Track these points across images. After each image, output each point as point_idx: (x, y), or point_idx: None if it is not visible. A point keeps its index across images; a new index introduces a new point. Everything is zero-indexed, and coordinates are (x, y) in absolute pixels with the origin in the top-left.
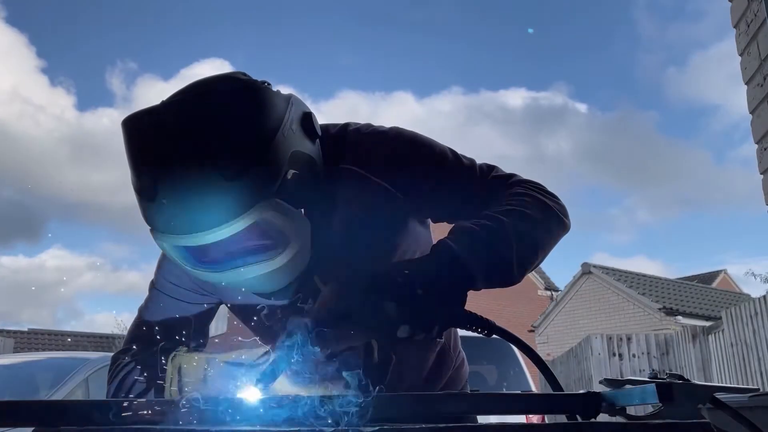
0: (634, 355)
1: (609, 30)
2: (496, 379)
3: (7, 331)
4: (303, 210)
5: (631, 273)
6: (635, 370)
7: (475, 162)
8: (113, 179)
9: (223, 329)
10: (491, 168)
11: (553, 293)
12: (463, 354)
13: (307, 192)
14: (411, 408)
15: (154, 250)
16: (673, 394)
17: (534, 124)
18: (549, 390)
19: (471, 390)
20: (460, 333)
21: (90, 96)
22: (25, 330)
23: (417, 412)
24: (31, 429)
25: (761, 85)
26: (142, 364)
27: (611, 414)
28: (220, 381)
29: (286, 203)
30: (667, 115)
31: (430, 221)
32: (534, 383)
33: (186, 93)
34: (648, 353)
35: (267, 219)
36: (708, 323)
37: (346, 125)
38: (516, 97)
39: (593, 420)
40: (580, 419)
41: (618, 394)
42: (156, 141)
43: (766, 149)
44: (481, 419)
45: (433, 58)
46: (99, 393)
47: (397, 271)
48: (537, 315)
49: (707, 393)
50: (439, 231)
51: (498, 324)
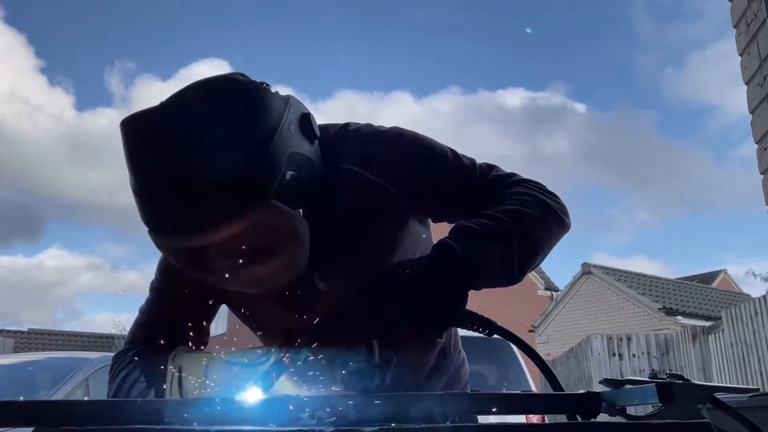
0: (634, 355)
1: (607, 30)
2: (496, 379)
3: (7, 331)
4: (301, 211)
5: (631, 273)
6: (635, 370)
7: (476, 162)
8: (112, 179)
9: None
10: (491, 167)
11: (553, 293)
12: (464, 354)
13: (306, 193)
14: (411, 408)
15: (153, 250)
16: (673, 394)
17: (532, 124)
18: (549, 390)
19: (471, 390)
20: (460, 333)
21: (89, 96)
22: (25, 330)
23: (417, 412)
24: (31, 429)
25: (761, 85)
26: (142, 364)
27: (611, 414)
28: (220, 380)
29: (284, 204)
30: (666, 115)
31: (430, 221)
32: (534, 383)
33: (184, 94)
34: (648, 353)
35: (264, 220)
36: (708, 323)
37: (346, 125)
38: (514, 97)
39: (593, 420)
40: (580, 419)
41: (618, 394)
42: (154, 142)
43: (766, 149)
44: (481, 419)
45: (432, 58)
46: (99, 393)
47: (399, 271)
48: (537, 315)
49: (707, 393)
50: (439, 231)
51: (498, 324)
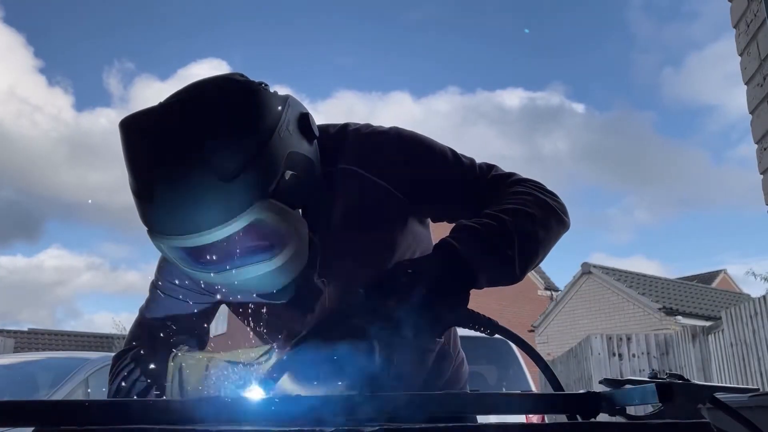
0: (634, 355)
1: (605, 30)
2: (496, 379)
3: (7, 331)
4: (301, 210)
5: (631, 273)
6: (635, 370)
7: (475, 161)
8: (111, 179)
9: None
10: (491, 167)
11: (553, 293)
12: (463, 354)
13: (305, 192)
14: (411, 408)
15: (152, 250)
16: (673, 394)
17: (531, 124)
18: (549, 390)
19: (471, 390)
20: (460, 332)
21: (87, 96)
22: (25, 330)
23: (417, 412)
24: (31, 429)
25: (761, 85)
26: (143, 363)
27: (611, 414)
28: (220, 380)
29: (282, 204)
30: (665, 115)
31: (429, 221)
32: (534, 383)
33: (183, 95)
34: (648, 353)
35: (263, 220)
36: (708, 323)
37: (345, 125)
38: (513, 97)
39: (593, 420)
40: (580, 419)
41: (618, 394)
42: (153, 142)
43: (766, 149)
44: (481, 419)
45: (430, 58)
46: (99, 393)
47: (401, 271)
48: (537, 315)
49: (707, 393)
50: (439, 231)
51: (499, 323)
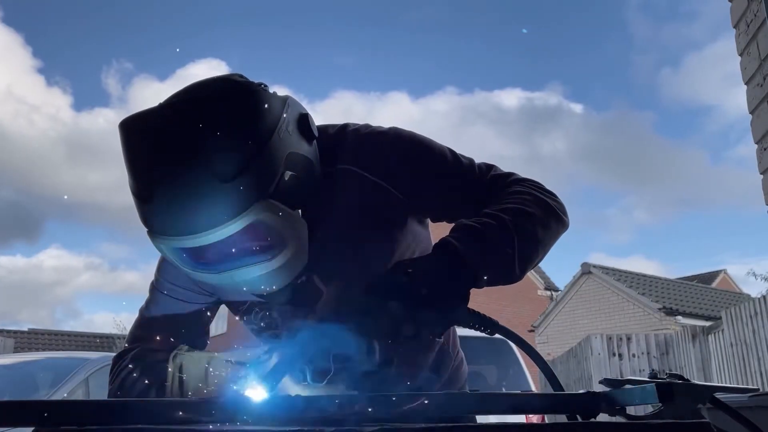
0: (634, 355)
1: (603, 30)
2: (496, 379)
3: (7, 331)
4: (300, 211)
5: (631, 273)
6: (635, 370)
7: (474, 161)
8: (110, 179)
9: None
10: (490, 167)
11: (553, 293)
12: (462, 353)
13: (305, 193)
14: (411, 408)
15: (152, 250)
16: (673, 394)
17: (529, 124)
18: (549, 390)
19: (471, 390)
20: (460, 332)
21: (86, 96)
22: (25, 330)
23: (417, 412)
24: (31, 429)
25: (761, 85)
26: (143, 364)
27: (611, 414)
28: (221, 380)
29: (282, 204)
30: (663, 116)
31: (428, 221)
32: (534, 383)
33: (182, 95)
34: (648, 353)
35: (263, 220)
36: (708, 323)
37: (344, 126)
38: (511, 97)
39: (593, 420)
40: (580, 419)
41: (618, 394)
42: (153, 143)
43: (766, 149)
44: (481, 419)
45: (428, 58)
46: (99, 393)
47: (401, 270)
48: (537, 315)
49: (707, 393)
50: (439, 230)
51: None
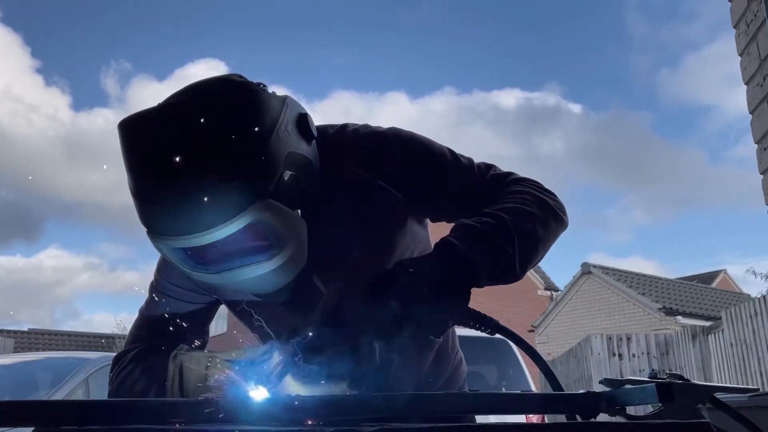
0: (634, 355)
1: (601, 31)
2: (496, 379)
3: (7, 331)
4: (300, 211)
5: (631, 273)
6: (635, 370)
7: (474, 161)
8: (109, 179)
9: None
10: (489, 167)
11: (553, 293)
12: (461, 353)
13: (304, 193)
14: (411, 408)
15: (151, 250)
16: (673, 394)
17: (528, 124)
18: (549, 390)
19: (471, 390)
20: (459, 332)
21: (85, 96)
22: (25, 330)
23: (417, 412)
24: (31, 429)
25: (761, 85)
26: (143, 364)
27: (611, 414)
28: (221, 380)
29: (281, 204)
30: (662, 116)
31: (428, 221)
32: (534, 383)
33: (181, 96)
34: (648, 353)
35: (262, 220)
36: (708, 323)
37: (344, 126)
38: (509, 98)
39: (593, 420)
40: (580, 419)
41: (618, 394)
42: (152, 143)
43: (766, 149)
44: (481, 419)
45: (427, 58)
46: (99, 393)
47: (402, 270)
48: (537, 315)
49: (707, 393)
50: (439, 230)
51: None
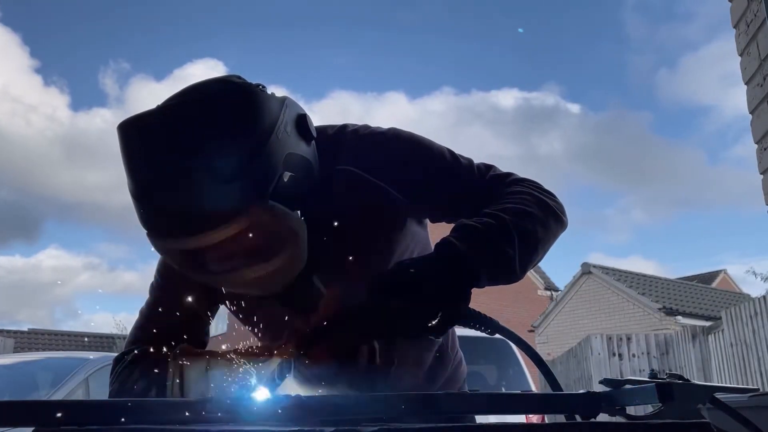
0: (634, 355)
1: (600, 31)
2: (495, 379)
3: (7, 331)
4: (299, 212)
5: (631, 273)
6: (635, 370)
7: (473, 161)
8: (109, 179)
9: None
10: (489, 167)
11: (553, 293)
12: (461, 353)
13: (303, 194)
14: (411, 408)
15: (151, 250)
16: (673, 394)
17: (526, 124)
18: (549, 390)
19: (471, 390)
20: (459, 332)
21: (83, 96)
22: (25, 330)
23: (417, 412)
24: (31, 429)
25: (761, 85)
26: (143, 364)
27: (611, 414)
28: (221, 380)
29: (281, 205)
30: (660, 116)
31: (427, 221)
32: (534, 383)
33: (181, 97)
34: (648, 353)
35: (262, 221)
36: (708, 323)
37: (344, 126)
38: (508, 98)
39: (593, 420)
40: (580, 419)
41: (618, 394)
42: (151, 145)
43: (766, 149)
44: (481, 419)
45: (425, 58)
46: (99, 393)
47: (402, 270)
48: (537, 315)
49: (707, 393)
50: (439, 231)
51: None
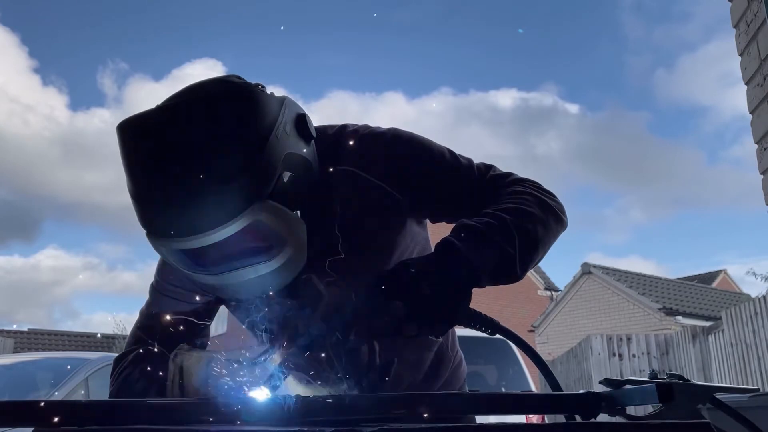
0: (634, 355)
1: (597, 31)
2: (495, 379)
3: (7, 331)
4: (299, 211)
5: (631, 273)
6: (635, 370)
7: (473, 161)
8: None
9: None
10: (489, 167)
11: (553, 293)
12: (461, 353)
13: (303, 193)
14: (411, 408)
15: (150, 250)
16: (673, 394)
17: (524, 124)
18: (549, 390)
19: (471, 390)
20: (459, 332)
21: (82, 96)
22: (25, 330)
23: (417, 412)
24: (31, 429)
25: (761, 85)
26: (144, 364)
27: (611, 414)
28: (221, 380)
29: (281, 205)
30: (658, 116)
31: (427, 221)
32: (534, 383)
33: (180, 97)
34: (648, 353)
35: (262, 221)
36: (708, 323)
37: (343, 126)
38: (506, 98)
39: (593, 420)
40: (580, 419)
41: (618, 394)
42: (150, 146)
43: (766, 149)
44: (481, 419)
45: (423, 58)
46: (99, 393)
47: (404, 270)
48: (537, 315)
49: (707, 393)
50: (439, 231)
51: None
